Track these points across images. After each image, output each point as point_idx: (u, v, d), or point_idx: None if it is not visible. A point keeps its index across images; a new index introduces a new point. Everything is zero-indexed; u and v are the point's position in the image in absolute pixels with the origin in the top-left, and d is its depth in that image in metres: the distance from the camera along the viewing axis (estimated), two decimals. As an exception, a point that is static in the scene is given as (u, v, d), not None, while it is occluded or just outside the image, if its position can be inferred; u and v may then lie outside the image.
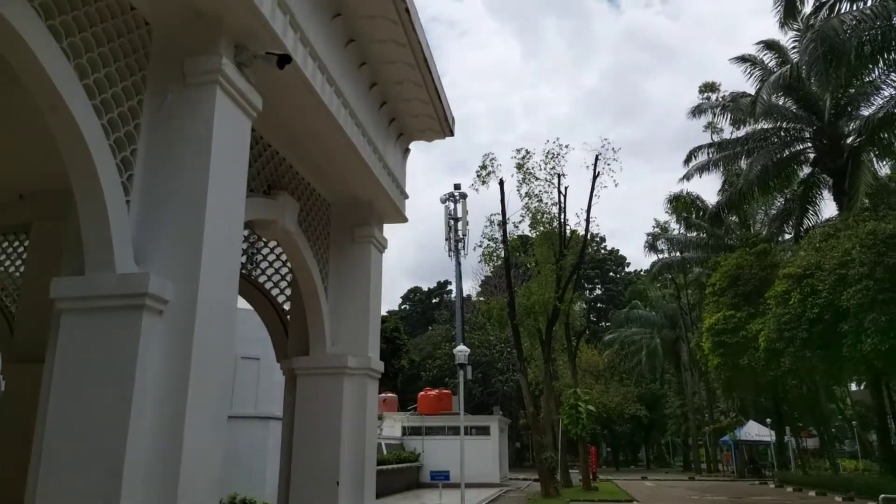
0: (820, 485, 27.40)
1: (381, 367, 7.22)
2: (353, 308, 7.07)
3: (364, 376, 6.84)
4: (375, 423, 7.06)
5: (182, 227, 3.86)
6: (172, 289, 3.72)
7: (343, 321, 7.03)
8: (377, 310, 7.33)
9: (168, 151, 4.06)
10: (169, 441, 3.54)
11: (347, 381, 6.72)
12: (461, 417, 17.88)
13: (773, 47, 27.61)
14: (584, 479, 28.91)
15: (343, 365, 6.68)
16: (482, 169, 27.82)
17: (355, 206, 7.33)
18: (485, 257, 28.03)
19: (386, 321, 55.45)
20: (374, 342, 7.17)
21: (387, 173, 7.14)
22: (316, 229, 6.92)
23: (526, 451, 63.02)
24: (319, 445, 6.54)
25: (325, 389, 6.70)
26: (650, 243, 49.77)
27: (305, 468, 6.53)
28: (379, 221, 7.55)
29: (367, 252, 7.22)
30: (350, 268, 7.19)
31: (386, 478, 26.66)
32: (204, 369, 3.71)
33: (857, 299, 18.19)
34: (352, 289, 7.13)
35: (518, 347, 27.23)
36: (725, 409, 50.92)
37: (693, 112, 30.29)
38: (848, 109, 27.24)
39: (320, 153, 6.31)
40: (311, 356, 6.82)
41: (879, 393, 25.48)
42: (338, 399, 6.63)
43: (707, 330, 30.04)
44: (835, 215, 27.41)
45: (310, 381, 6.78)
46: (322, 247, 7.05)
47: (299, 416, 6.71)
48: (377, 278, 7.39)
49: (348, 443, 6.58)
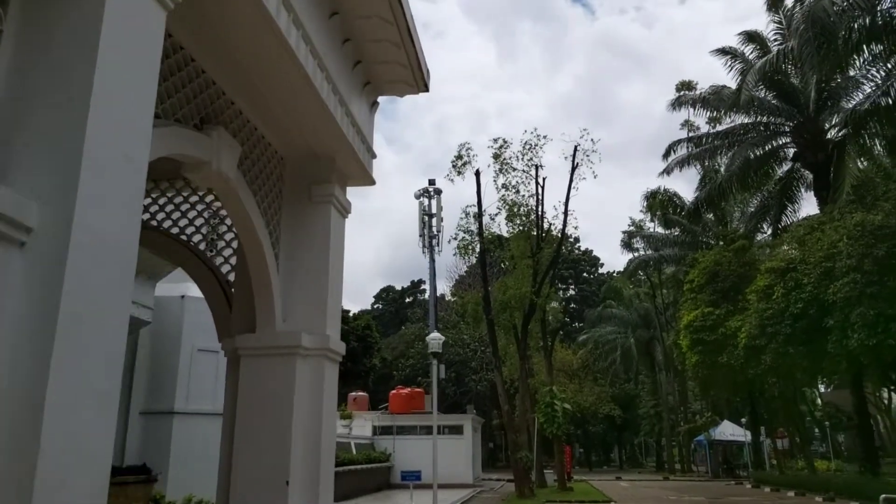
0: (797, 485, 26.92)
1: (342, 349, 6.22)
2: (310, 279, 6.05)
3: (321, 357, 5.83)
4: (335, 412, 6.05)
5: (55, 130, 2.81)
6: (38, 212, 2.68)
7: (297, 294, 6.01)
8: (338, 282, 6.33)
9: (46, 41, 3.01)
10: (26, 423, 2.50)
11: (301, 364, 5.71)
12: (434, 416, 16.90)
13: (754, 39, 27.11)
14: (560, 480, 28.13)
15: (295, 344, 5.66)
16: (458, 159, 26.87)
17: (313, 162, 6.32)
18: (460, 250, 27.05)
19: (358, 319, 54.31)
20: (334, 319, 6.16)
21: (350, 123, 6.14)
22: (265, 185, 5.89)
23: (499, 452, 62.26)
24: (266, 439, 5.52)
25: (273, 373, 5.68)
26: (626, 241, 49.35)
27: (249, 466, 5.50)
28: (341, 181, 6.54)
29: (327, 214, 6.21)
30: (306, 232, 6.18)
31: (355, 478, 25.61)
32: (77, 324, 2.67)
33: (844, 293, 17.60)
34: (308, 256, 6.12)
35: (493, 343, 26.32)
36: (700, 408, 50.72)
37: (673, 104, 29.72)
38: (829, 104, 26.87)
39: (269, 89, 5.29)
40: (258, 334, 5.79)
41: (860, 392, 25.06)
42: (289, 384, 5.61)
43: (685, 327, 29.48)
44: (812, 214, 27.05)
45: (256, 363, 5.75)
46: (272, 206, 6.03)
47: (243, 404, 5.68)
48: (338, 245, 6.38)
49: (301, 436, 5.57)
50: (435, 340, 16.48)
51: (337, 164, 6.34)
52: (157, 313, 16.43)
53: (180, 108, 4.50)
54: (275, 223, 6.01)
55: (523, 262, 26.84)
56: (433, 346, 16.27)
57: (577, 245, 72.80)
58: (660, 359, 52.64)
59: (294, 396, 5.57)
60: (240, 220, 5.51)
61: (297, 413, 5.56)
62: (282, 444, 5.47)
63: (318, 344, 5.80)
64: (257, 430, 5.55)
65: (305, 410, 5.65)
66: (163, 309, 16.39)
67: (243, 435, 5.58)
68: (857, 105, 21.63)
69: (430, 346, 16.37)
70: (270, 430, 5.52)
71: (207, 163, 4.75)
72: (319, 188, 6.21)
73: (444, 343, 57.00)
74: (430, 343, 16.48)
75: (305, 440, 5.58)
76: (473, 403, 46.83)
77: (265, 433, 5.52)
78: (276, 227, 6.04)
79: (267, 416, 5.56)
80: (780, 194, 30.26)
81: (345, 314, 52.72)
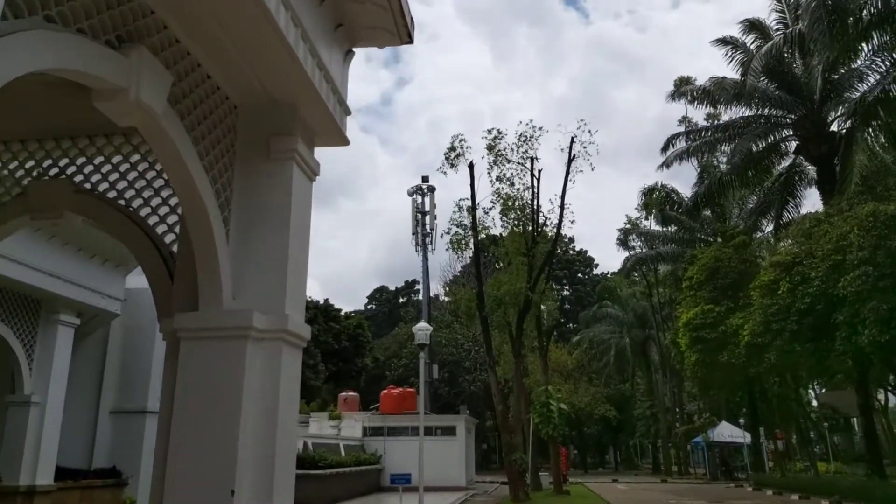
0: (800, 488, 26.07)
1: (306, 332, 5.25)
2: (267, 249, 5.08)
3: (278, 341, 4.85)
4: (295, 406, 5.08)
5: None
6: None
7: (251, 267, 5.04)
8: (302, 254, 5.36)
9: None
10: None
11: (253, 348, 4.73)
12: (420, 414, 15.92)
13: (756, 28, 26.24)
14: (556, 482, 27.23)
15: (246, 325, 4.69)
16: (451, 151, 25.93)
17: (272, 110, 5.34)
18: (453, 245, 26.05)
19: (350, 318, 53.33)
20: (297, 297, 5.19)
21: (316, 66, 5.18)
22: (211, 134, 4.92)
23: (493, 453, 61.34)
24: (208, 439, 4.55)
25: (218, 359, 4.70)
26: (622, 239, 48.55)
27: (186, 472, 4.52)
28: (307, 136, 5.56)
29: (288, 174, 5.24)
30: (263, 194, 5.21)
31: (343, 481, 24.62)
32: None
33: (856, 286, 16.72)
34: (265, 223, 5.15)
35: (487, 341, 25.39)
36: (698, 409, 49.92)
37: (672, 95, 28.81)
38: (832, 97, 26.08)
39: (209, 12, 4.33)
40: (201, 313, 4.82)
41: (866, 392, 24.22)
42: (237, 372, 4.64)
43: (684, 325, 28.63)
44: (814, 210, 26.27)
45: (197, 347, 4.77)
46: (221, 161, 5.06)
47: (181, 396, 4.70)
48: (302, 211, 5.41)
49: (252, 435, 4.60)
50: (422, 331, 15.46)
51: (301, 114, 5.37)
52: (128, 306, 15.45)
53: (86, 16, 3.54)
54: (224, 181, 5.05)
55: (518, 258, 25.94)
56: (420, 337, 15.26)
57: (571, 245, 72.01)
58: (656, 359, 51.84)
59: (243, 387, 4.59)
60: (175, 172, 4.54)
61: (246, 407, 4.59)
62: (227, 445, 4.49)
63: (275, 325, 4.83)
64: (197, 428, 4.57)
65: (258, 404, 4.67)
66: (135, 301, 15.40)
67: (180, 435, 4.60)
68: (866, 92, 20.81)
69: (417, 336, 15.37)
70: (213, 429, 4.54)
71: (124, 90, 3.77)
72: (279, 141, 5.24)
73: (438, 343, 56.16)
74: (416, 334, 15.48)
75: (257, 441, 4.61)
76: (467, 404, 45.92)
77: (207, 433, 4.55)
78: (226, 187, 5.07)
79: (209, 412, 4.58)
80: (781, 190, 29.46)
81: (336, 313, 51.82)
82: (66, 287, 12.31)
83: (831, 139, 25.29)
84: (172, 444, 4.61)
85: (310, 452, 22.97)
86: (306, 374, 38.44)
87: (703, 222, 37.57)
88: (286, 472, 4.83)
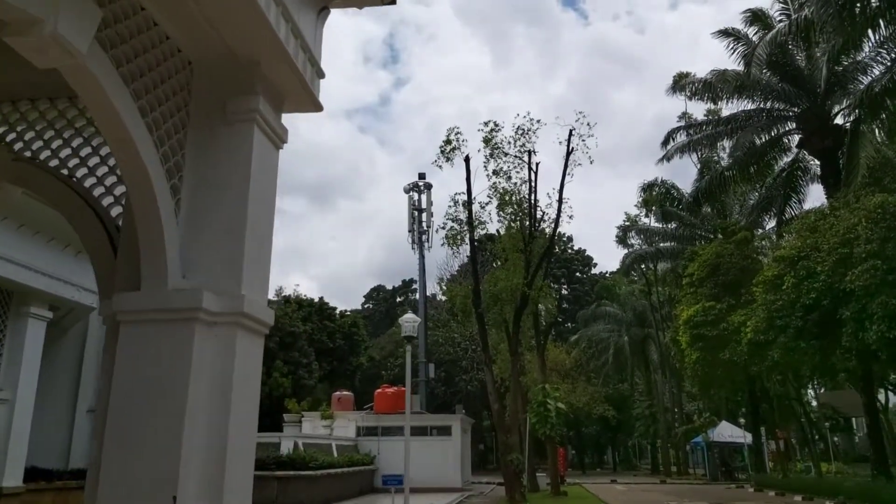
0: (803, 489, 25.47)
1: (268, 317, 4.64)
2: (222, 221, 4.48)
3: (232, 326, 4.25)
4: (253, 399, 4.47)
5: None
6: None
7: (204, 241, 4.44)
8: (264, 229, 4.75)
9: None
10: None
11: (203, 333, 4.13)
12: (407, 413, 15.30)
13: (759, 19, 25.65)
14: (553, 483, 26.61)
15: (194, 307, 4.08)
16: (446, 144, 25.26)
17: (232, 67, 4.74)
18: (448, 240, 25.41)
19: (345, 317, 52.65)
20: (257, 277, 4.58)
21: (283, 18, 4.58)
22: (156, 89, 4.31)
23: (490, 454, 60.70)
24: (148, 437, 3.95)
25: (161, 345, 4.10)
26: (620, 237, 47.96)
27: (122, 475, 3.92)
28: (273, 97, 4.95)
29: (248, 138, 4.63)
30: (220, 159, 4.60)
31: (336, 482, 23.99)
32: None
33: (863, 280, 16.11)
34: (221, 192, 4.54)
35: (483, 338, 24.74)
36: (697, 409, 49.40)
37: (673, 87, 28.21)
38: (835, 90, 25.53)
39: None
40: (143, 293, 4.21)
41: (870, 390, 23.64)
42: (182, 361, 4.03)
43: (684, 323, 28.06)
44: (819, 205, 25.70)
45: (139, 331, 4.17)
46: (171, 121, 4.45)
47: (119, 388, 4.10)
48: (265, 180, 4.80)
49: (200, 434, 4.00)
50: (409, 322, 14.77)
51: (264, 72, 4.77)
52: (107, 300, 14.78)
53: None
54: (174, 144, 4.43)
55: (515, 255, 25.32)
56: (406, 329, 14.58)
57: (570, 244, 71.43)
58: (655, 358, 51.26)
59: (190, 378, 3.98)
60: (110, 129, 3.93)
61: (194, 401, 3.98)
62: (169, 444, 3.89)
63: (229, 307, 4.22)
64: (136, 425, 3.97)
65: (207, 397, 4.07)
66: (114, 295, 14.73)
67: (117, 432, 3.99)
68: (873, 81, 20.24)
69: (404, 328, 14.71)
70: (154, 426, 3.94)
71: (39, 22, 3.17)
72: (238, 102, 4.63)
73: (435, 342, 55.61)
74: (403, 325, 14.81)
75: (206, 438, 4.01)
76: (463, 403, 45.29)
77: (147, 429, 3.94)
78: (176, 150, 4.46)
79: (150, 406, 3.98)
80: (783, 185, 28.89)
81: (331, 312, 51.12)
82: (36, 278, 11.69)
83: (835, 132, 24.75)
84: (106, 444, 4.00)
85: (300, 453, 22.33)
86: (300, 374, 37.81)
87: (704, 219, 37.01)
88: (240, 471, 4.22)
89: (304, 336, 40.20)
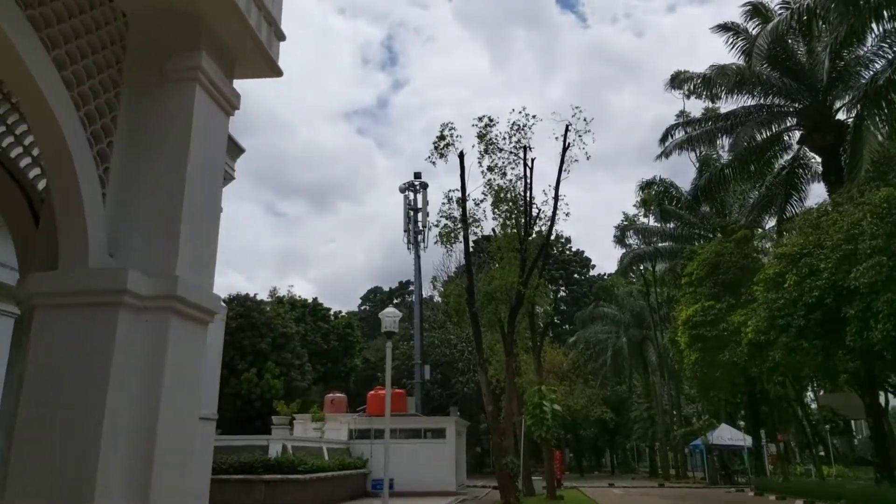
0: (804, 493, 24.92)
1: (210, 303, 4.08)
2: (156, 193, 3.92)
3: (165, 311, 3.69)
4: (191, 395, 3.91)
5: None
6: None
7: (137, 215, 3.89)
8: (207, 203, 4.19)
9: None
10: None
11: (129, 319, 3.58)
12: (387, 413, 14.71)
13: (759, 13, 25.16)
14: (549, 487, 26.05)
15: (118, 288, 3.53)
16: (440, 140, 24.72)
17: (172, 21, 4.19)
18: (442, 237, 24.84)
19: (339, 318, 52.06)
20: (197, 258, 4.03)
21: (229, -36, 4.04)
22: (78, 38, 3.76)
23: (486, 457, 60.05)
24: (62, 438, 3.39)
25: (80, 332, 3.54)
26: (618, 237, 47.38)
27: (32, 479, 3.37)
28: (221, 56, 4.40)
29: (189, 99, 4.07)
30: (157, 123, 4.05)
31: (326, 486, 23.41)
32: None
33: (869, 277, 15.58)
34: (156, 159, 3.99)
35: (477, 338, 24.18)
36: (696, 411, 48.86)
37: (672, 82, 27.67)
38: (837, 85, 25.04)
39: None
40: (60, 272, 3.66)
41: (873, 391, 23.10)
42: (103, 350, 3.48)
43: (683, 323, 27.52)
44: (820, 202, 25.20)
45: (54, 316, 3.61)
46: (97, 78, 3.89)
47: (32, 381, 3.54)
48: (210, 147, 4.24)
49: (125, 430, 3.45)
50: (389, 317, 14.14)
51: (210, 28, 4.22)
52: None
53: None
54: (101, 104, 3.88)
55: (510, 253, 24.78)
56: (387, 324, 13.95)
57: (568, 246, 70.89)
58: (653, 360, 50.71)
59: (111, 371, 3.43)
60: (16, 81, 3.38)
61: (115, 395, 3.43)
62: (87, 444, 3.34)
63: (161, 290, 3.66)
64: (49, 423, 3.42)
65: (133, 392, 3.51)
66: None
67: (27, 430, 3.44)
68: (877, 74, 19.75)
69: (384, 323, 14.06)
70: (70, 425, 3.38)
71: None
72: (178, 59, 4.08)
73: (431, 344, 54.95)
74: (383, 320, 14.19)
75: (129, 438, 3.46)
76: (459, 406, 44.69)
77: (61, 429, 3.39)
78: (104, 111, 3.91)
79: (66, 400, 3.43)
80: (784, 183, 28.40)
81: (325, 313, 50.57)
82: (1, 272, 11.09)
83: (837, 128, 24.26)
84: (16, 444, 3.45)
85: (289, 456, 21.76)
86: (292, 375, 37.21)
87: (703, 218, 36.50)
88: (173, 474, 3.65)
89: (296, 337, 39.63)
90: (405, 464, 27.31)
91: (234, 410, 33.53)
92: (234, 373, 33.59)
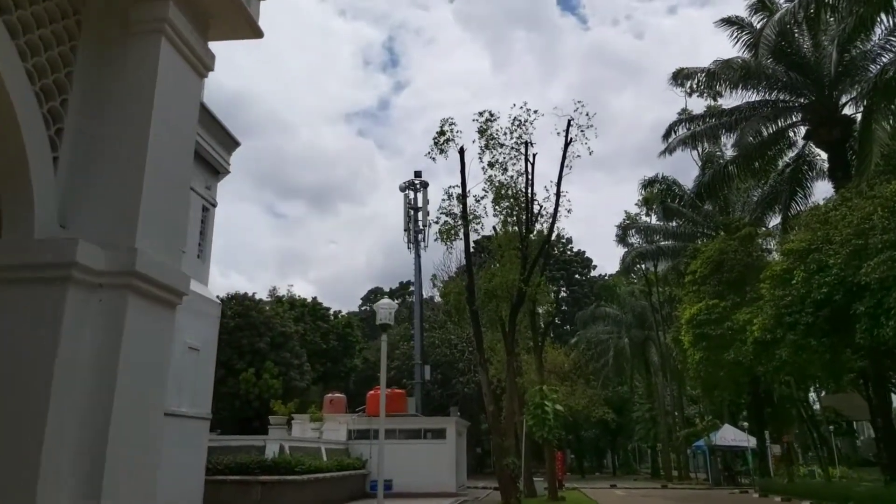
0: (810, 494, 24.48)
1: (180, 283, 3.65)
2: (116, 156, 3.49)
3: (122, 290, 3.26)
4: (154, 383, 3.47)
5: None
6: None
7: (93, 182, 3.46)
8: (176, 168, 3.76)
9: None
10: None
11: (80, 297, 3.15)
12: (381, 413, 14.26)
13: (765, 6, 24.71)
14: (550, 488, 25.59)
15: (66, 261, 3.11)
16: (440, 135, 24.25)
17: (136, -33, 3.76)
18: (441, 235, 24.37)
19: (339, 318, 51.64)
20: (165, 231, 3.60)
21: None
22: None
23: (487, 457, 59.58)
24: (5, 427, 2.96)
25: (24, 311, 3.11)
26: (620, 236, 46.92)
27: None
28: (192, 11, 3.97)
29: (153, 51, 3.65)
30: (118, 80, 3.62)
31: (324, 487, 22.95)
32: None
33: (880, 273, 15.11)
34: (116, 120, 3.55)
35: (477, 337, 23.71)
36: (698, 412, 48.43)
37: (675, 77, 27.19)
38: (844, 78, 24.60)
39: None
40: (2, 243, 3.23)
41: (882, 391, 22.65)
42: (49, 331, 3.05)
43: (687, 322, 27.10)
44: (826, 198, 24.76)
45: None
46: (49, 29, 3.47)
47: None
48: (178, 107, 3.81)
49: (74, 426, 3.02)
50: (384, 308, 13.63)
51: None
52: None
53: None
54: (53, 57, 3.45)
55: (511, 251, 24.32)
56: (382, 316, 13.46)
57: (569, 246, 70.47)
58: (655, 360, 50.26)
59: (57, 354, 3.00)
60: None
61: (63, 381, 3.00)
62: (29, 436, 2.91)
63: (117, 265, 3.24)
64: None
65: (84, 380, 3.09)
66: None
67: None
68: (887, 65, 19.33)
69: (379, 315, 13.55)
70: (10, 419, 2.96)
71: None
72: (142, 8, 3.66)
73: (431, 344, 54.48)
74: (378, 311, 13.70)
75: (78, 429, 3.03)
76: (460, 406, 44.26)
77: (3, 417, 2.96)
78: (58, 66, 3.48)
79: (3, 393, 3.00)
80: (789, 180, 27.94)
81: (325, 312, 50.14)
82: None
83: (844, 123, 23.81)
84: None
85: (286, 457, 21.32)
86: (291, 375, 36.76)
87: (706, 216, 36.05)
88: (132, 474, 3.22)
89: (295, 336, 39.19)
90: (405, 464, 26.88)
91: (231, 410, 33.10)
92: (231, 372, 33.16)
